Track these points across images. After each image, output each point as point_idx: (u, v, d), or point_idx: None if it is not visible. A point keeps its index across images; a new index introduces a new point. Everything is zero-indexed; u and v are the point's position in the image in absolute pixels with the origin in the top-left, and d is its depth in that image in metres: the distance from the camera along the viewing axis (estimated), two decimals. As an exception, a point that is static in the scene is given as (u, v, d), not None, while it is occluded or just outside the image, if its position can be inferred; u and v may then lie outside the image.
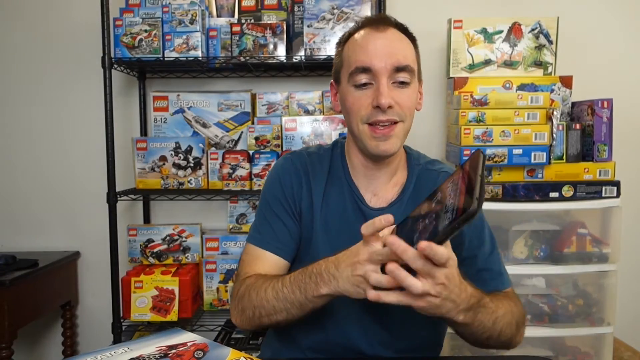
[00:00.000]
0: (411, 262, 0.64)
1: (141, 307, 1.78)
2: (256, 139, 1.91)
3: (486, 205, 1.50)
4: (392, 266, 0.66)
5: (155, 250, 1.92)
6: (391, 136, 0.90)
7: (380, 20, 0.94)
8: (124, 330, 1.82)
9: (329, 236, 0.96)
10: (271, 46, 1.79)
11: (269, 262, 0.95)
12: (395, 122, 0.90)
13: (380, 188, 0.98)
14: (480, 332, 0.81)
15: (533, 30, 1.77)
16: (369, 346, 0.93)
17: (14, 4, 2.04)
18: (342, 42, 0.98)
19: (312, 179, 0.99)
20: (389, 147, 0.91)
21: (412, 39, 0.96)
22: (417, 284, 0.65)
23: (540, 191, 1.63)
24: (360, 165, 0.98)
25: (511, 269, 1.64)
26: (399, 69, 0.89)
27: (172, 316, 1.78)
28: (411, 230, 0.68)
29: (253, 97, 2.01)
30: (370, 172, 0.98)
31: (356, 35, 0.94)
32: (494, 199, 1.63)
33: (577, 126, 1.69)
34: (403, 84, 0.90)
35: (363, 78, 0.90)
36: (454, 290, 0.69)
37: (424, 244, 0.61)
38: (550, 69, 1.79)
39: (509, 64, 1.78)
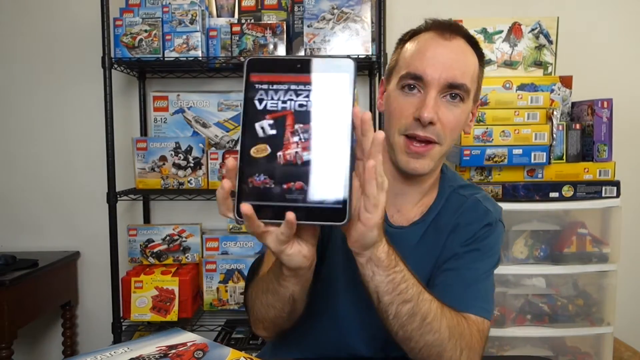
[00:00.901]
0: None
1: (141, 307, 1.78)
2: (256, 139, 1.90)
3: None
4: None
5: (155, 250, 1.92)
6: (425, 156, 0.84)
7: (448, 26, 0.87)
8: (124, 330, 1.82)
9: (345, 246, 0.92)
10: (271, 46, 1.79)
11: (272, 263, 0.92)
12: (433, 142, 0.84)
13: (406, 205, 0.93)
14: (402, 299, 0.71)
15: (533, 30, 1.77)
16: (369, 349, 0.92)
17: (14, 4, 2.04)
18: (404, 40, 0.91)
19: None
20: (419, 167, 0.85)
21: (480, 56, 0.89)
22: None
23: (540, 191, 1.63)
24: (389, 175, 0.88)
25: (511, 269, 1.67)
26: (453, 86, 0.83)
27: (172, 316, 1.78)
28: None
29: (253, 97, 2.00)
30: (398, 185, 0.91)
31: (419, 37, 0.88)
32: (494, 199, 1.63)
33: (577, 126, 1.69)
34: (454, 101, 0.84)
35: (412, 82, 0.84)
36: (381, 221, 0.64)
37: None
38: (550, 69, 1.79)
39: (509, 64, 1.78)
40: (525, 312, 1.69)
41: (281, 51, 1.79)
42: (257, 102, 0.57)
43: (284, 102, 0.57)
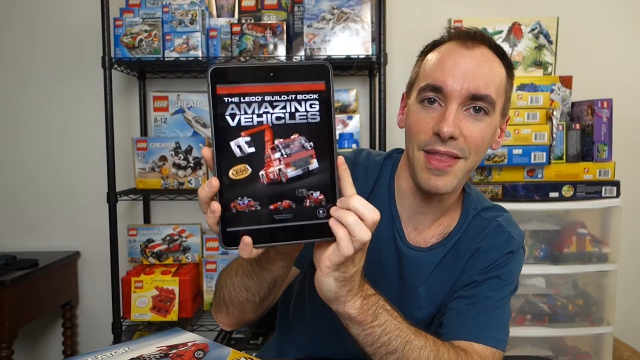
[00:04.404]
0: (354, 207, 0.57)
1: (141, 307, 1.78)
2: (256, 139, 1.91)
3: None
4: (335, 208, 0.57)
5: (155, 250, 1.92)
6: (447, 173, 0.78)
7: (470, 35, 0.81)
8: (124, 330, 1.82)
9: None
10: (271, 46, 1.79)
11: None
12: (456, 157, 0.78)
13: (424, 224, 0.88)
14: (385, 351, 0.69)
15: (533, 30, 1.78)
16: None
17: (14, 4, 2.04)
18: (425, 52, 0.86)
19: None
20: (441, 185, 0.78)
21: (508, 67, 0.83)
22: (351, 245, 0.57)
23: (540, 191, 1.63)
24: (408, 192, 0.86)
25: (511, 269, 1.67)
26: (476, 97, 0.77)
27: (172, 316, 1.78)
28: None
29: (253, 97, 2.01)
30: (417, 203, 0.86)
31: (440, 48, 0.83)
32: (494, 199, 1.63)
33: (577, 126, 1.69)
34: (478, 114, 0.78)
35: (432, 95, 0.79)
36: (357, 276, 0.64)
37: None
38: (550, 69, 1.79)
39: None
40: (525, 312, 1.69)
41: (281, 51, 1.79)
42: (228, 118, 0.51)
43: (259, 115, 0.52)
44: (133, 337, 1.86)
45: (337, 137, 0.97)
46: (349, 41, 1.76)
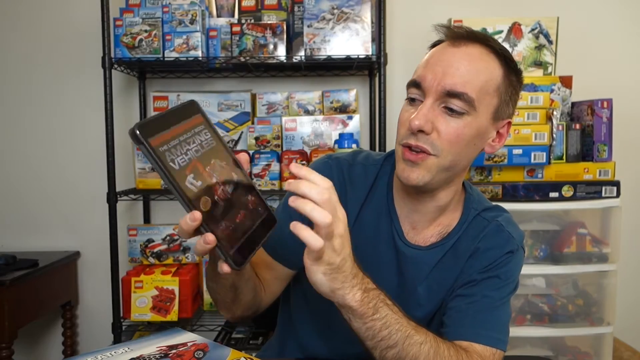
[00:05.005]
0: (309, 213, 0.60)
1: (141, 307, 1.78)
2: (256, 139, 1.91)
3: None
4: (294, 223, 0.61)
5: (155, 250, 1.92)
6: (418, 165, 0.78)
7: (460, 34, 0.80)
8: (124, 330, 1.82)
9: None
10: (271, 46, 1.79)
11: (261, 258, 0.89)
12: (426, 153, 0.78)
13: (421, 222, 0.88)
14: (385, 345, 0.70)
15: (533, 30, 1.78)
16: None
17: (14, 4, 2.04)
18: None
19: (349, 194, 0.88)
20: (413, 177, 0.78)
21: (510, 68, 0.81)
22: (317, 238, 0.61)
23: (540, 191, 1.63)
24: (402, 190, 0.87)
25: (511, 269, 1.67)
26: (451, 94, 0.76)
27: (172, 316, 1.78)
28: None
29: (253, 97, 2.01)
30: (410, 201, 0.86)
31: (434, 48, 0.83)
32: (494, 199, 1.63)
33: (577, 126, 1.69)
34: (453, 112, 0.77)
35: (414, 93, 0.80)
36: (349, 253, 0.66)
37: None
38: (550, 69, 1.79)
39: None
40: (525, 312, 1.69)
41: (281, 51, 1.79)
42: (172, 164, 0.55)
43: (186, 153, 0.57)
44: (133, 337, 1.86)
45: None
46: (349, 41, 1.76)
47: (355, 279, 0.67)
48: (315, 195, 0.61)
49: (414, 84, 0.80)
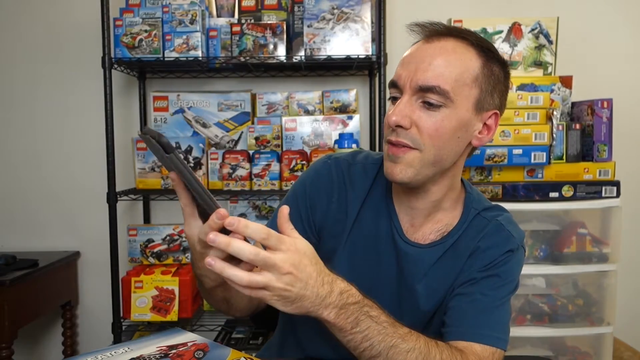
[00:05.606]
0: (236, 250, 0.59)
1: (141, 307, 1.78)
2: (256, 139, 1.91)
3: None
4: (209, 258, 0.60)
5: (155, 250, 1.92)
6: (400, 159, 0.79)
7: (433, 30, 0.82)
8: (124, 330, 1.82)
9: (352, 260, 0.89)
10: (271, 46, 1.79)
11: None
12: (407, 147, 0.79)
13: (418, 219, 0.88)
14: (369, 355, 0.70)
15: (533, 30, 1.78)
16: None
17: (14, 4, 2.04)
18: None
19: (349, 192, 0.90)
20: (396, 172, 0.79)
21: (490, 58, 0.82)
22: (238, 274, 0.60)
23: (540, 191, 1.63)
24: (398, 187, 0.88)
25: (511, 269, 1.67)
26: (424, 88, 0.77)
27: (172, 316, 1.78)
28: None
29: (253, 97, 2.01)
30: (406, 197, 0.87)
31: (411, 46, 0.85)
32: (494, 199, 1.63)
33: (577, 126, 1.69)
34: (431, 106, 0.77)
35: (393, 92, 0.82)
36: (310, 282, 0.64)
37: (223, 214, 0.59)
38: (550, 69, 1.79)
39: (509, 64, 1.78)
40: (525, 312, 1.69)
41: (281, 51, 1.79)
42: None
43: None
44: (133, 337, 1.86)
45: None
46: (349, 41, 1.76)
47: (327, 299, 0.66)
48: (247, 256, 0.60)
49: (392, 84, 0.82)
